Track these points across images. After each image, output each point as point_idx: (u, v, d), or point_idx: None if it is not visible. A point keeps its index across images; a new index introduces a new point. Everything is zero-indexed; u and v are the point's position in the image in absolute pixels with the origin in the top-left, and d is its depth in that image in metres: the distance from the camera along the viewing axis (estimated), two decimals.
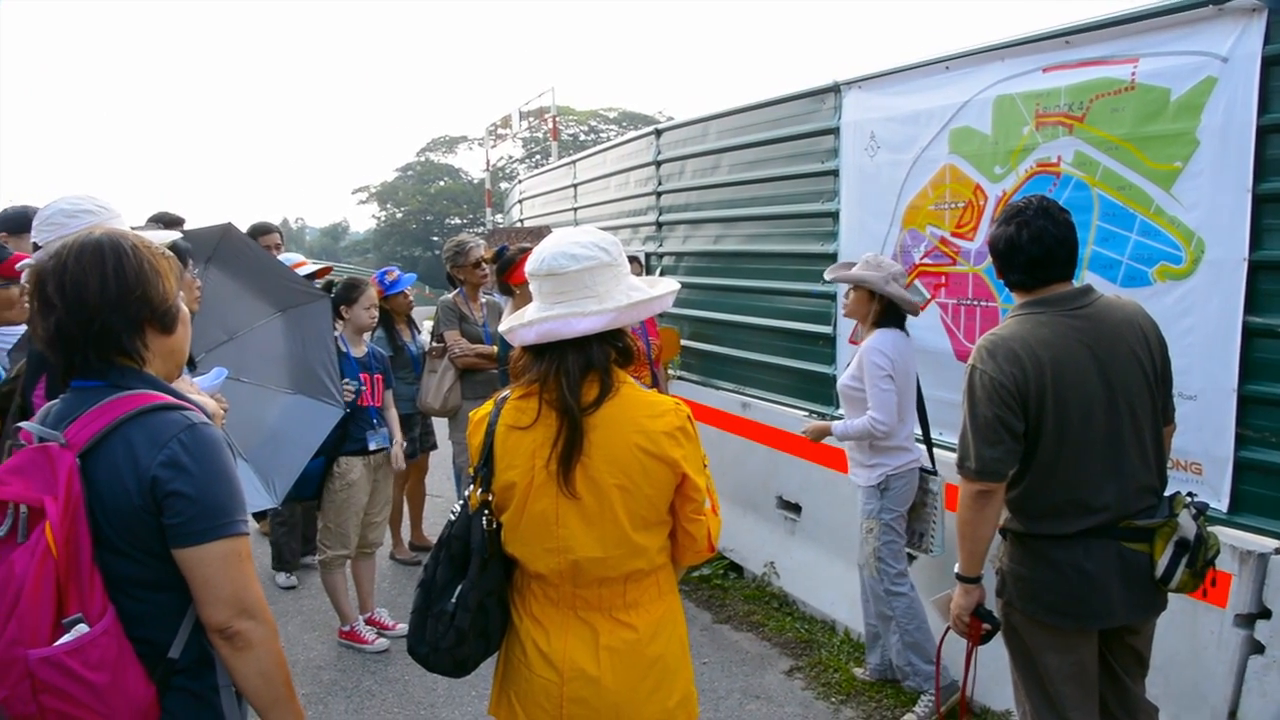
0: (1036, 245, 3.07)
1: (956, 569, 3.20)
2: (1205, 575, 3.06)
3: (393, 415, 5.79)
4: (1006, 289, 3.27)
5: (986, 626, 3.21)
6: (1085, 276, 4.16)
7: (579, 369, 2.34)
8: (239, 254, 4.44)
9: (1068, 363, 3.00)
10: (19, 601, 1.80)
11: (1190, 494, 3.16)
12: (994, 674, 4.13)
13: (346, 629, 5.68)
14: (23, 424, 2.05)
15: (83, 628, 1.85)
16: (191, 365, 3.10)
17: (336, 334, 5.48)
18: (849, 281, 4.68)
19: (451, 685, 5.00)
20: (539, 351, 2.38)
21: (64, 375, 2.08)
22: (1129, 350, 3.06)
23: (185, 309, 2.21)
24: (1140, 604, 3.10)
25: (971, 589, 3.19)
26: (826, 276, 4.92)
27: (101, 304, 2.00)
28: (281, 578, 6.73)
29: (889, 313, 4.64)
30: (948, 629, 3.37)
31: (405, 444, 6.34)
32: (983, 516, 3.07)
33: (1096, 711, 3.19)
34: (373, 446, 5.51)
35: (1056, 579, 3.06)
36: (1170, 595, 3.16)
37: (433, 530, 7.44)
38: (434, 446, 7.38)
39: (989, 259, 4.68)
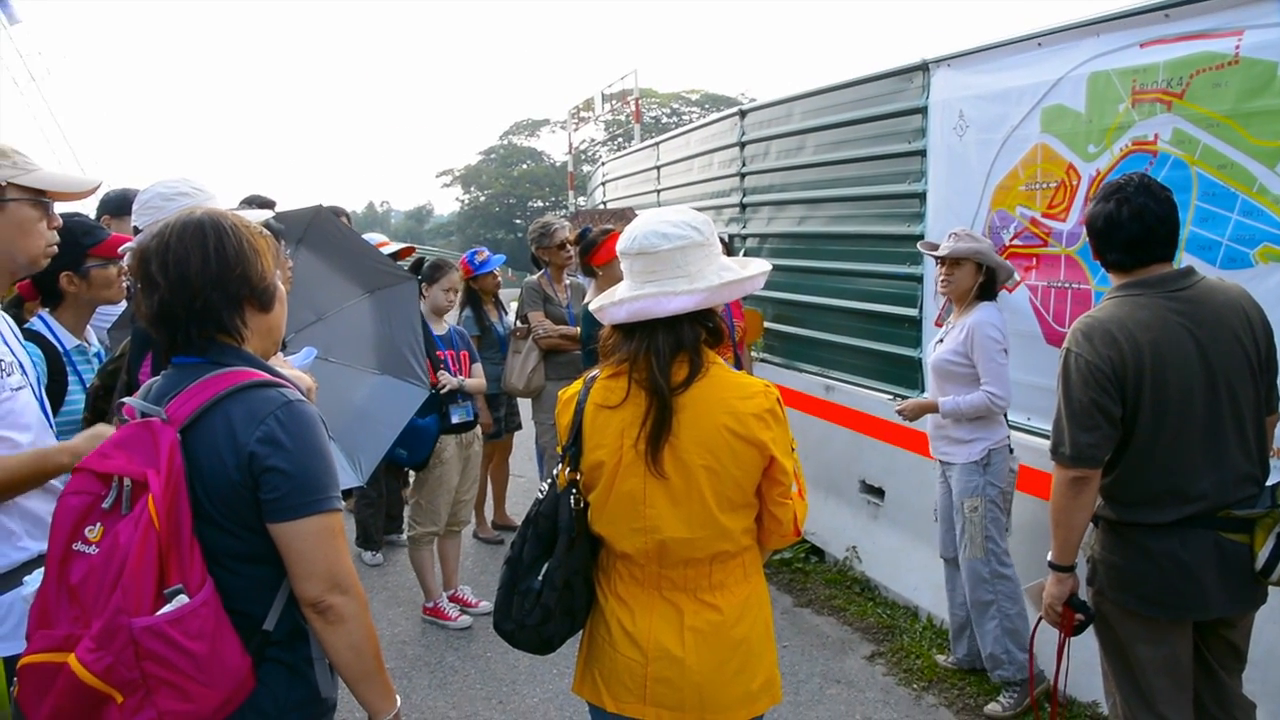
0: (1136, 223, 2.99)
1: (1050, 557, 3.13)
2: None
3: (479, 384, 5.86)
4: (1103, 270, 3.18)
5: (1080, 616, 3.14)
6: (1183, 259, 4.03)
7: (669, 348, 2.33)
8: (329, 236, 4.51)
9: (1167, 346, 2.91)
10: (124, 571, 1.84)
11: None
12: (1079, 664, 4.04)
13: (431, 605, 5.78)
14: (126, 400, 2.10)
15: (183, 598, 1.89)
16: (282, 346, 3.16)
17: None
18: (964, 255, 4.55)
19: (533, 663, 5.05)
20: (629, 330, 2.38)
21: (166, 352, 2.13)
22: (1232, 335, 2.96)
23: (282, 288, 2.25)
24: (1238, 597, 3.01)
25: (1065, 578, 3.12)
26: (936, 251, 4.76)
27: (203, 282, 2.04)
28: (368, 555, 6.84)
29: (986, 286, 4.59)
30: (1040, 619, 3.30)
31: (490, 424, 6.44)
32: (1078, 504, 3.00)
33: (1190, 705, 3.11)
34: (455, 419, 5.59)
35: (1151, 569, 2.98)
36: (1270, 589, 3.05)
37: (515, 510, 7.53)
38: (519, 427, 7.45)
39: (1082, 240, 4.60)
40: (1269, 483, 3.04)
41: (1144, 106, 4.28)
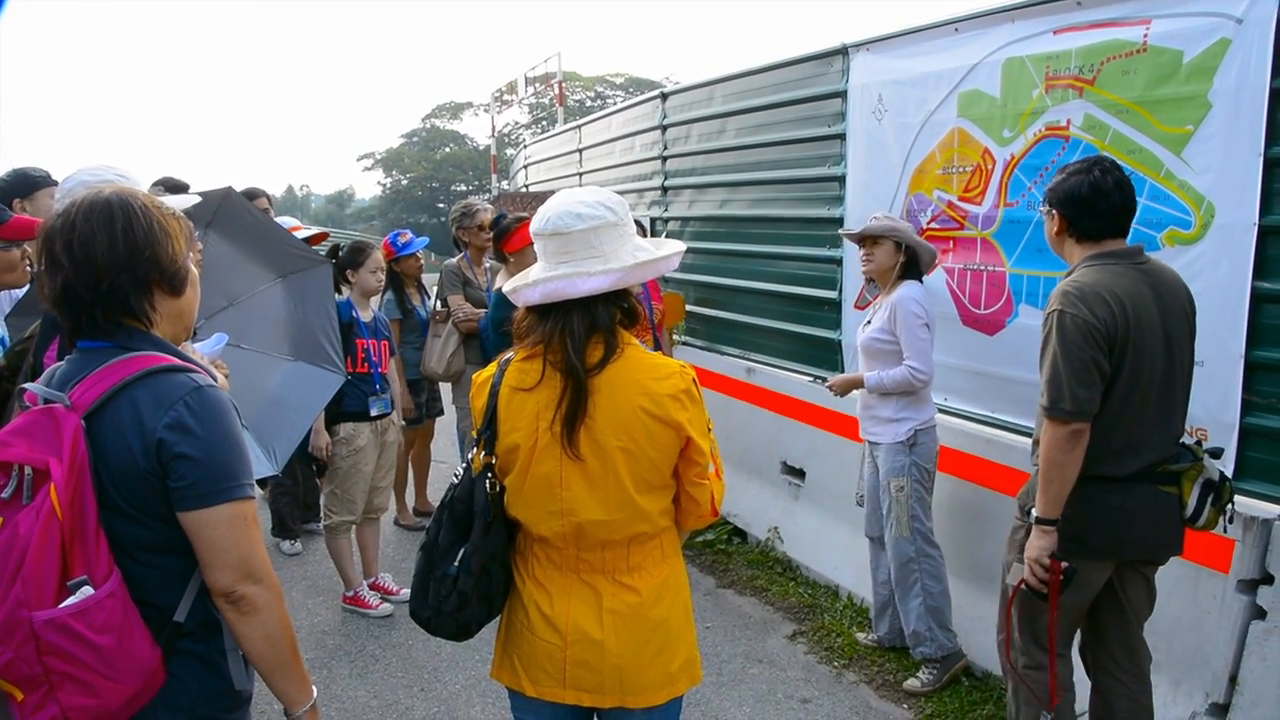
0: (1119, 193, 3.20)
1: (1037, 513, 3.21)
2: (1227, 512, 3.23)
3: (395, 379, 5.79)
4: (1069, 240, 3.30)
5: (1066, 565, 3.19)
6: None
7: (584, 330, 2.32)
8: (240, 219, 4.39)
9: (1143, 312, 3.12)
10: (24, 563, 1.78)
11: (1198, 439, 3.38)
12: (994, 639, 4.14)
13: (350, 594, 5.70)
14: (28, 385, 2.02)
15: (88, 590, 1.84)
16: (192, 333, 3.08)
17: (343, 299, 5.46)
18: (881, 233, 4.61)
19: (454, 649, 5.02)
20: (543, 312, 2.36)
21: (71, 336, 2.06)
22: (1180, 306, 3.22)
23: (194, 271, 2.19)
24: (1168, 542, 3.28)
25: (1050, 531, 3.20)
26: (849, 231, 4.83)
27: (110, 264, 1.97)
28: (286, 545, 6.74)
29: (910, 266, 4.65)
30: (1015, 588, 3.35)
31: (412, 409, 6.36)
32: (1072, 457, 3.13)
33: (1072, 636, 3.45)
34: (374, 412, 5.52)
35: (1100, 519, 3.19)
36: (1171, 562, 3.35)
37: (437, 496, 7.44)
38: (441, 412, 7.36)
39: (998, 223, 4.69)
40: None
41: (1057, 92, 4.36)
